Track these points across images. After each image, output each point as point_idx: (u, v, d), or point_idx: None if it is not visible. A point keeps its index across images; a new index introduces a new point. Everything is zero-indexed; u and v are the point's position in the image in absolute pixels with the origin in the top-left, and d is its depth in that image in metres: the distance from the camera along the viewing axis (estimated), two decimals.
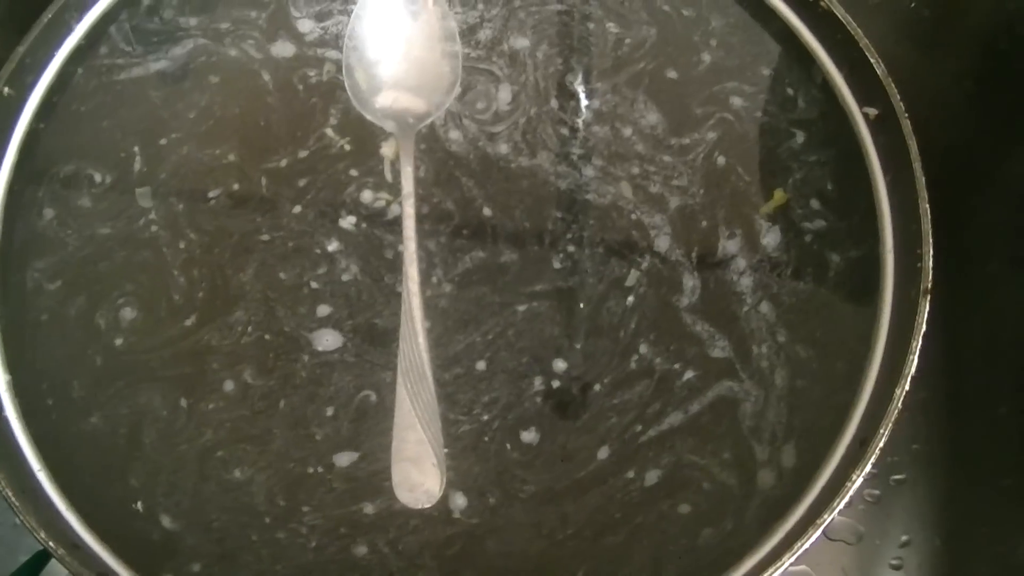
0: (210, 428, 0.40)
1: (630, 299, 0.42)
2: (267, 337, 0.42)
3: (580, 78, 0.46)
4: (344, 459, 0.40)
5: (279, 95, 0.46)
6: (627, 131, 0.45)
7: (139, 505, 0.39)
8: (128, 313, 0.42)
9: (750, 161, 0.44)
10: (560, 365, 0.41)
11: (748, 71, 0.45)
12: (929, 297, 0.37)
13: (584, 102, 0.45)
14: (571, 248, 0.43)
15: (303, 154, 0.45)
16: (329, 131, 0.45)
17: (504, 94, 0.45)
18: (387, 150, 0.44)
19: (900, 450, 0.48)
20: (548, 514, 0.39)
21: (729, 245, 0.43)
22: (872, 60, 0.39)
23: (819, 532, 0.37)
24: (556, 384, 0.41)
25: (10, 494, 0.37)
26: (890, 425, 0.37)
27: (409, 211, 0.42)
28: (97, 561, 0.38)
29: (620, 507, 0.39)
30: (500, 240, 0.43)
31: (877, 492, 0.47)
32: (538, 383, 0.41)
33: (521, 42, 0.46)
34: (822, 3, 0.43)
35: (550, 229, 0.43)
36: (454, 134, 0.45)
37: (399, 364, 0.40)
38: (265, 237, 0.43)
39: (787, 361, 0.41)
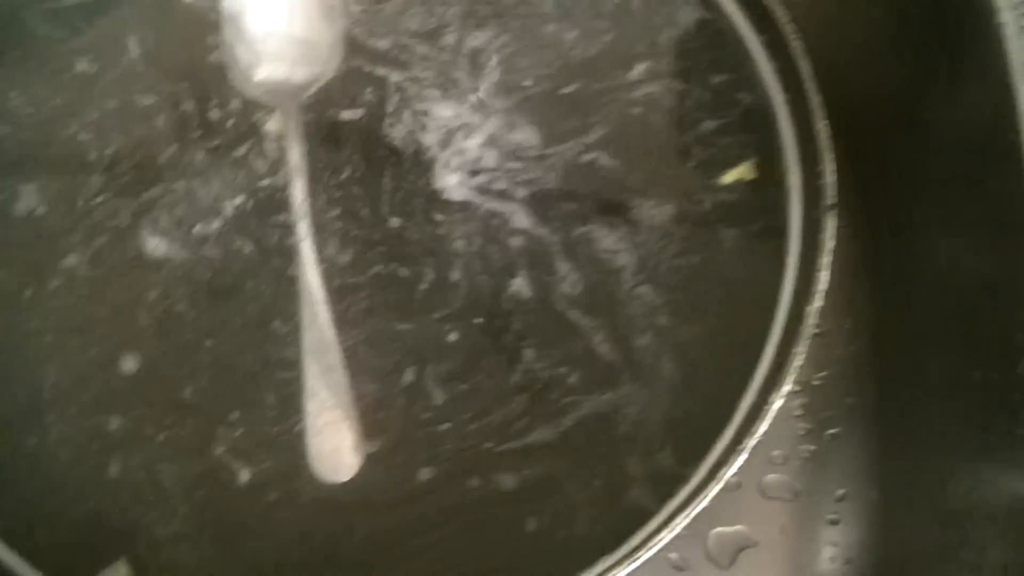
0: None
1: (512, 285, 0.41)
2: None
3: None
4: (131, 362, 0.39)
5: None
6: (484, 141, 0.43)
7: None
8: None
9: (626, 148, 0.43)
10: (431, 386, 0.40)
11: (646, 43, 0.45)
12: (834, 213, 0.37)
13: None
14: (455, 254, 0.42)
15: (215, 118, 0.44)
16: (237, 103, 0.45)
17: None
18: (272, 126, 0.44)
19: (834, 404, 0.47)
20: (328, 521, 0.38)
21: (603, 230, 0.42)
22: None
23: (744, 456, 0.36)
24: (416, 397, 0.40)
25: None
26: (806, 343, 0.37)
27: (300, 188, 0.41)
28: None
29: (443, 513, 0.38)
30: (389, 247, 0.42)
31: (812, 448, 0.46)
32: (404, 383, 0.40)
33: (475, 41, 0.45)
34: None
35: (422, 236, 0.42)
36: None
37: (304, 344, 0.39)
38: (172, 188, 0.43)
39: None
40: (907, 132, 0.48)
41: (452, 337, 0.40)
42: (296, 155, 0.42)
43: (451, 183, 0.42)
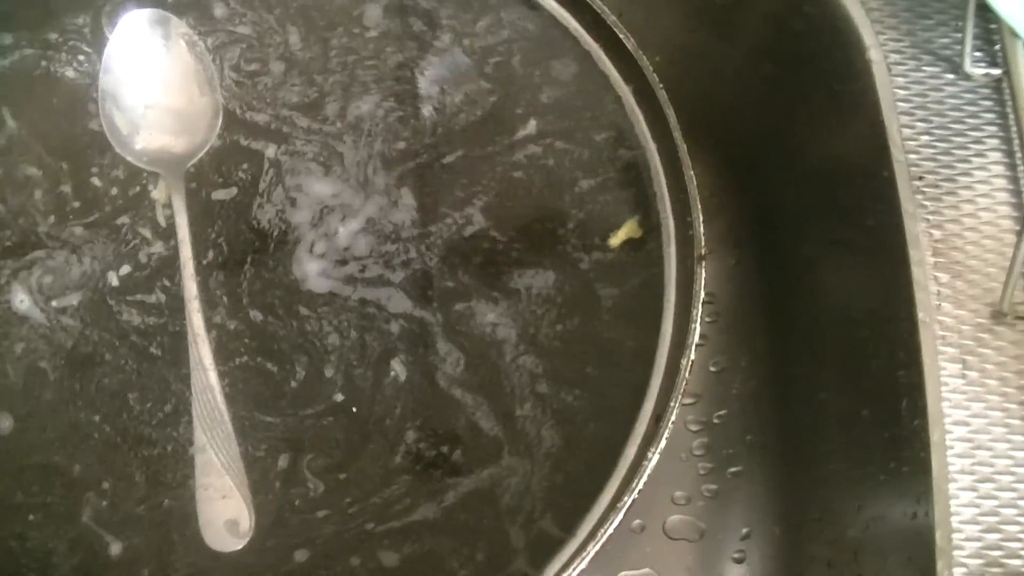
0: None
1: (392, 373, 0.40)
2: None
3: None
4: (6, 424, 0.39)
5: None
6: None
7: None
8: None
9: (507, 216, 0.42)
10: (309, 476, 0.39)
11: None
12: (704, 263, 0.37)
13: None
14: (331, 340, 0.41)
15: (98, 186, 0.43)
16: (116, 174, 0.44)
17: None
18: (158, 193, 0.43)
19: (735, 442, 0.47)
20: None
21: (484, 304, 0.41)
22: (621, 36, 0.40)
23: (621, 515, 0.36)
24: (292, 483, 0.38)
25: None
26: (680, 397, 0.36)
27: (187, 254, 0.40)
28: None
29: None
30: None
31: (715, 487, 0.46)
32: (278, 470, 0.39)
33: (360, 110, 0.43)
34: None
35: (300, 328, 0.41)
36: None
37: (194, 411, 0.39)
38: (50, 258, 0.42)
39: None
40: (793, 169, 0.48)
41: (328, 428, 0.39)
42: (183, 225, 0.41)
43: (312, 272, 0.41)
